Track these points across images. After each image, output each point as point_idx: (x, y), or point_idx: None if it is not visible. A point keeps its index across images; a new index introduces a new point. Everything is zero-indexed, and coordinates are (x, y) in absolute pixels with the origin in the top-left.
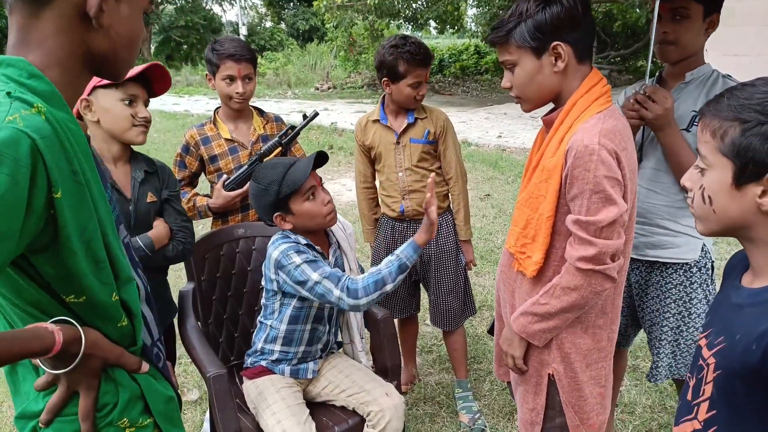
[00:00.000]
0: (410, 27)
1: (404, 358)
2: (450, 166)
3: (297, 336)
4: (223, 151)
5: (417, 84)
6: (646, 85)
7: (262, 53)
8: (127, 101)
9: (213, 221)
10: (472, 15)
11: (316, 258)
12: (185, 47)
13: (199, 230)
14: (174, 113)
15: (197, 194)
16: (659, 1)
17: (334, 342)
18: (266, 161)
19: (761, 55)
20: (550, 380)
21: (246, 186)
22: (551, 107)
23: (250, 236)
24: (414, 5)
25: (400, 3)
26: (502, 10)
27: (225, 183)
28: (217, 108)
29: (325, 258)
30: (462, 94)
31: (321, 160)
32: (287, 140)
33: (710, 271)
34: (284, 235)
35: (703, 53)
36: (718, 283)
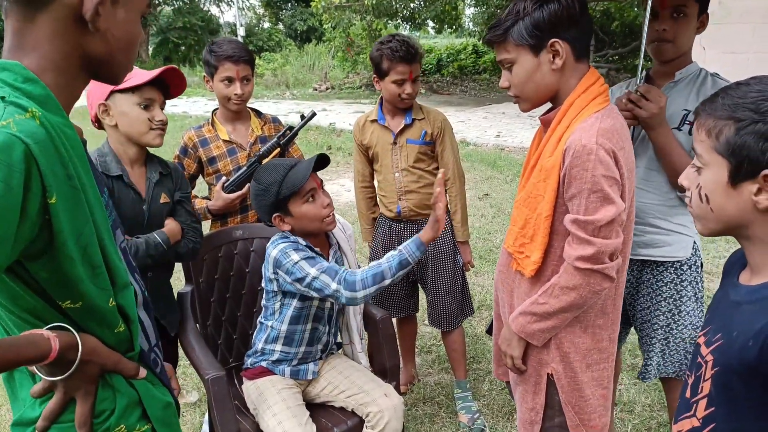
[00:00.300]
0: (408, 27)
1: (403, 359)
2: (447, 167)
3: (298, 336)
4: (222, 153)
5: (401, 81)
6: (639, 84)
7: (260, 54)
8: (144, 105)
9: (212, 223)
10: (470, 14)
11: (315, 256)
12: (183, 49)
13: None
14: (172, 114)
15: (196, 196)
16: None
17: (334, 343)
18: (267, 162)
19: (758, 53)
20: (549, 380)
21: (245, 188)
22: (549, 107)
23: (249, 238)
24: (412, 5)
25: (398, 3)
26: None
27: (224, 185)
28: (215, 109)
29: (325, 259)
30: (460, 94)
31: (323, 163)
32: (285, 141)
33: (700, 269)
34: (284, 235)
35: (691, 52)
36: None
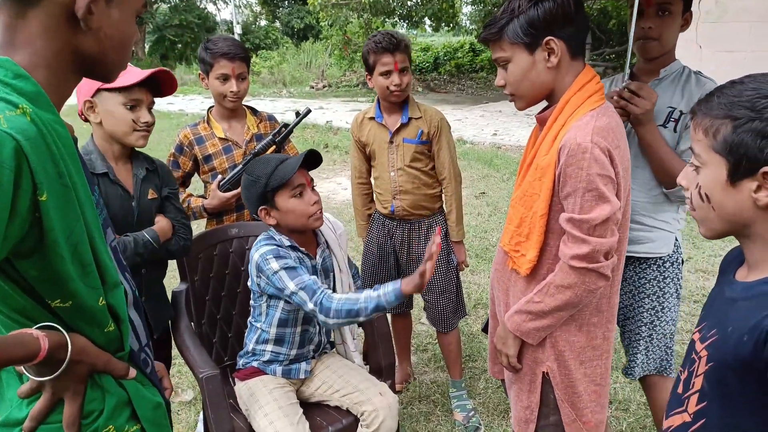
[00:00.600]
0: (405, 25)
1: (398, 356)
2: (443, 167)
3: (288, 338)
4: (218, 151)
5: (387, 73)
6: (626, 81)
7: (257, 52)
8: (130, 106)
9: (208, 221)
10: (467, 12)
11: (296, 265)
12: (179, 46)
13: (194, 230)
14: (168, 112)
15: (191, 195)
16: None
17: (327, 342)
18: (260, 156)
19: (755, 51)
20: (545, 378)
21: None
22: (545, 105)
23: (244, 236)
24: (409, 3)
25: (395, 0)
26: (497, 8)
27: (220, 184)
28: (211, 107)
29: (312, 258)
30: (457, 92)
31: (316, 161)
32: (281, 138)
33: (680, 266)
34: (268, 236)
35: (675, 50)
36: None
